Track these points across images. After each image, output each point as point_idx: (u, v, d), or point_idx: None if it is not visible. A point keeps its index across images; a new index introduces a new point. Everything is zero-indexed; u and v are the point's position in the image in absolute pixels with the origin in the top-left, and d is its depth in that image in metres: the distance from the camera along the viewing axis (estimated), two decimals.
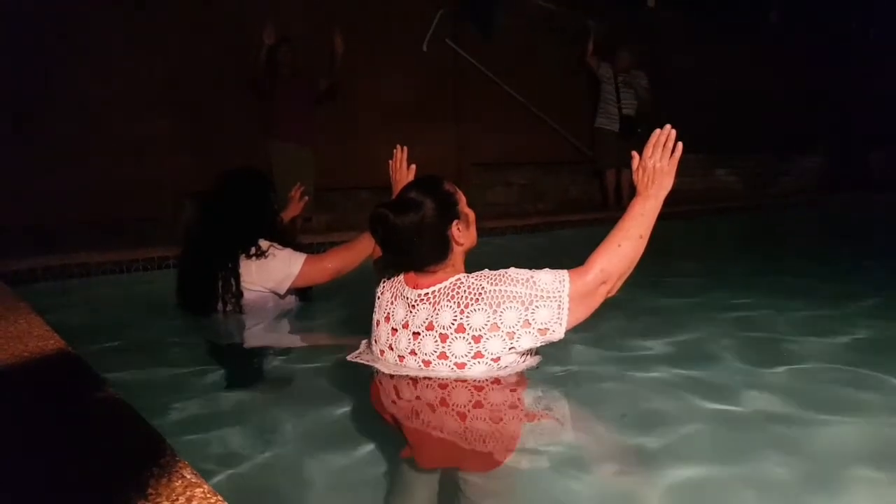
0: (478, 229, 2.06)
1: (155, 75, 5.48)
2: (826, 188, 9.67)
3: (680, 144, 1.90)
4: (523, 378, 1.94)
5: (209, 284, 2.96)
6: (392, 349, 1.98)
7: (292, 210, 3.61)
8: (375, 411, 1.91)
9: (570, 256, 1.99)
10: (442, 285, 1.91)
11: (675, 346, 2.50)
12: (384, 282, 2.08)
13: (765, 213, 8.31)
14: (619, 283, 1.93)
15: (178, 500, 1.10)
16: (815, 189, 9.73)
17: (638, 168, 1.93)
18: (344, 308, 3.18)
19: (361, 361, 2.09)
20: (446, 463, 1.65)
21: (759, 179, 9.55)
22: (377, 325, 2.06)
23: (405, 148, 2.51)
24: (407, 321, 1.94)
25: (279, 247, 3.02)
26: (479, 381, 1.88)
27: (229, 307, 2.97)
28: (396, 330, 1.97)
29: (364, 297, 2.15)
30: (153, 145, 5.40)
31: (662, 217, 1.95)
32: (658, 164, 1.90)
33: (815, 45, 9.91)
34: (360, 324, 2.17)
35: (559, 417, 1.95)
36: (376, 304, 2.09)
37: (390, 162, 2.52)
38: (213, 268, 2.97)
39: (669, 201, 1.96)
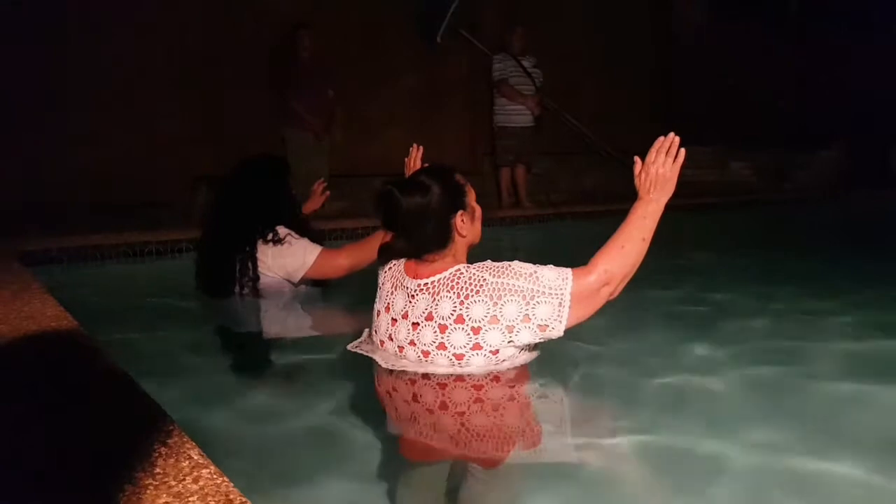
0: (487, 221, 2.06)
1: (171, 60, 5.52)
2: (844, 184, 9.53)
3: (683, 150, 1.92)
4: (524, 372, 1.95)
5: (227, 267, 3.00)
6: (392, 339, 1.99)
7: (313, 203, 3.62)
8: (379, 402, 1.93)
9: (583, 247, 1.99)
10: (442, 275, 1.92)
11: (679, 342, 2.47)
12: (385, 271, 2.10)
13: (779, 208, 8.22)
14: (622, 286, 1.94)
15: (185, 479, 1.12)
16: (832, 184, 9.60)
17: (640, 172, 1.95)
18: (360, 295, 3.17)
19: (361, 352, 2.11)
20: (446, 458, 1.66)
21: (774, 173, 9.44)
22: (377, 315, 2.07)
23: (421, 147, 2.55)
24: (406, 311, 1.95)
25: (296, 236, 3.04)
26: (478, 379, 1.89)
27: (246, 290, 3.00)
28: (396, 320, 1.98)
29: None
30: (168, 130, 5.44)
31: (670, 208, 1.96)
32: (661, 169, 1.91)
33: (835, 37, 9.77)
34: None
35: (559, 412, 1.95)
36: (377, 294, 2.11)
37: (406, 160, 2.56)
38: (232, 251, 3.00)
39: (682, 193, 1.95)
